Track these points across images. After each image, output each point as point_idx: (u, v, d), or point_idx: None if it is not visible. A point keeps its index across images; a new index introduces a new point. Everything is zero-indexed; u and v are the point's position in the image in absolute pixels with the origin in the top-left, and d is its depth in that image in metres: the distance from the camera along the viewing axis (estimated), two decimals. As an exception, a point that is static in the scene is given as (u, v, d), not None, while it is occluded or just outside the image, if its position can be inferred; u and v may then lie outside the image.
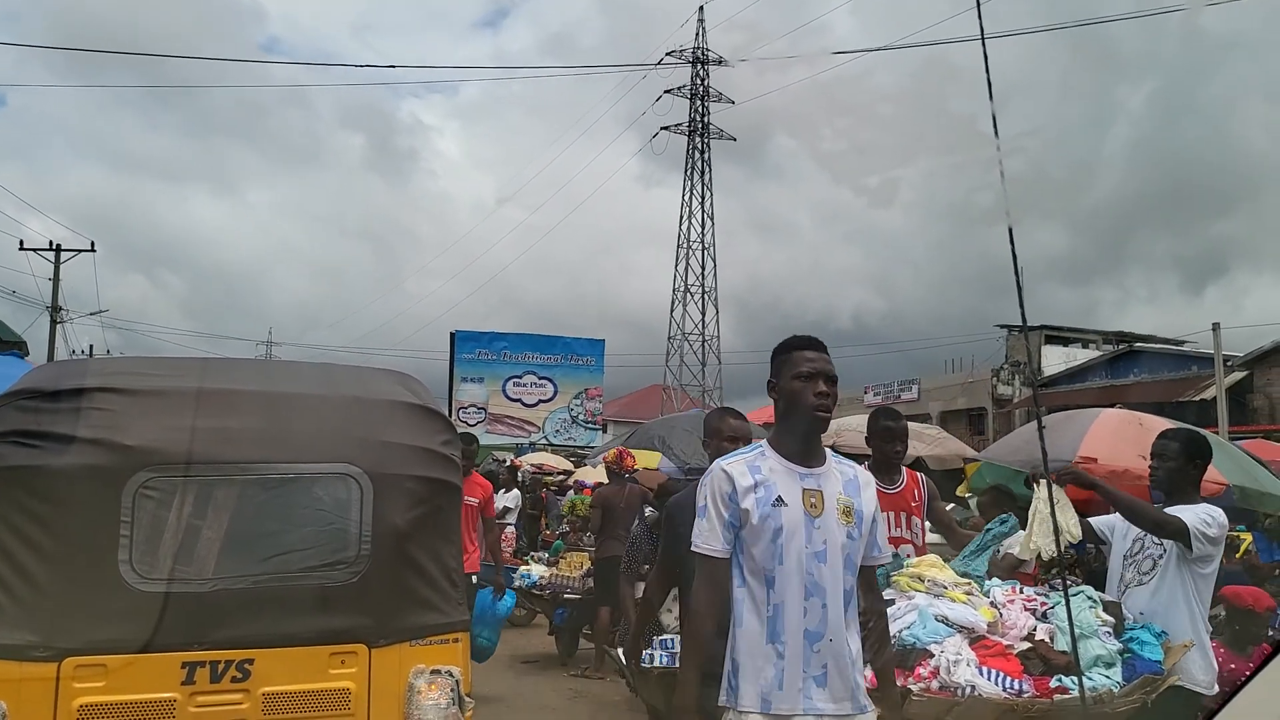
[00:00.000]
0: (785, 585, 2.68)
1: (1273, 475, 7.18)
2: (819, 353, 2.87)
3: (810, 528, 2.71)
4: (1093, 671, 3.63)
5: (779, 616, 2.68)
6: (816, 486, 2.76)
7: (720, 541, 2.75)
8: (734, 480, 2.75)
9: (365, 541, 3.51)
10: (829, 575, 2.70)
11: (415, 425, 3.82)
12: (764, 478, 2.75)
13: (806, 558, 2.69)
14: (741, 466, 2.78)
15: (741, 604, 2.74)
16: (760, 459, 2.81)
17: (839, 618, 2.71)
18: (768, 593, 2.70)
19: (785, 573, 2.68)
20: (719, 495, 2.76)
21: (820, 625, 2.68)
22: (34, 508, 3.24)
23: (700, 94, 43.91)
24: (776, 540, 2.70)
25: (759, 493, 2.73)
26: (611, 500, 8.76)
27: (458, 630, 3.71)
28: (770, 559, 2.70)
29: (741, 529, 2.73)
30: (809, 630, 2.68)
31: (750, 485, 2.73)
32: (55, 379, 3.59)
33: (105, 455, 3.30)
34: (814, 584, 2.69)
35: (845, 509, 2.77)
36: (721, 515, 2.75)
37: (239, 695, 3.33)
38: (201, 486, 3.46)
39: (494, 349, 26.79)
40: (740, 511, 2.72)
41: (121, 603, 3.23)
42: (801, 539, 2.70)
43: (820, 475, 2.79)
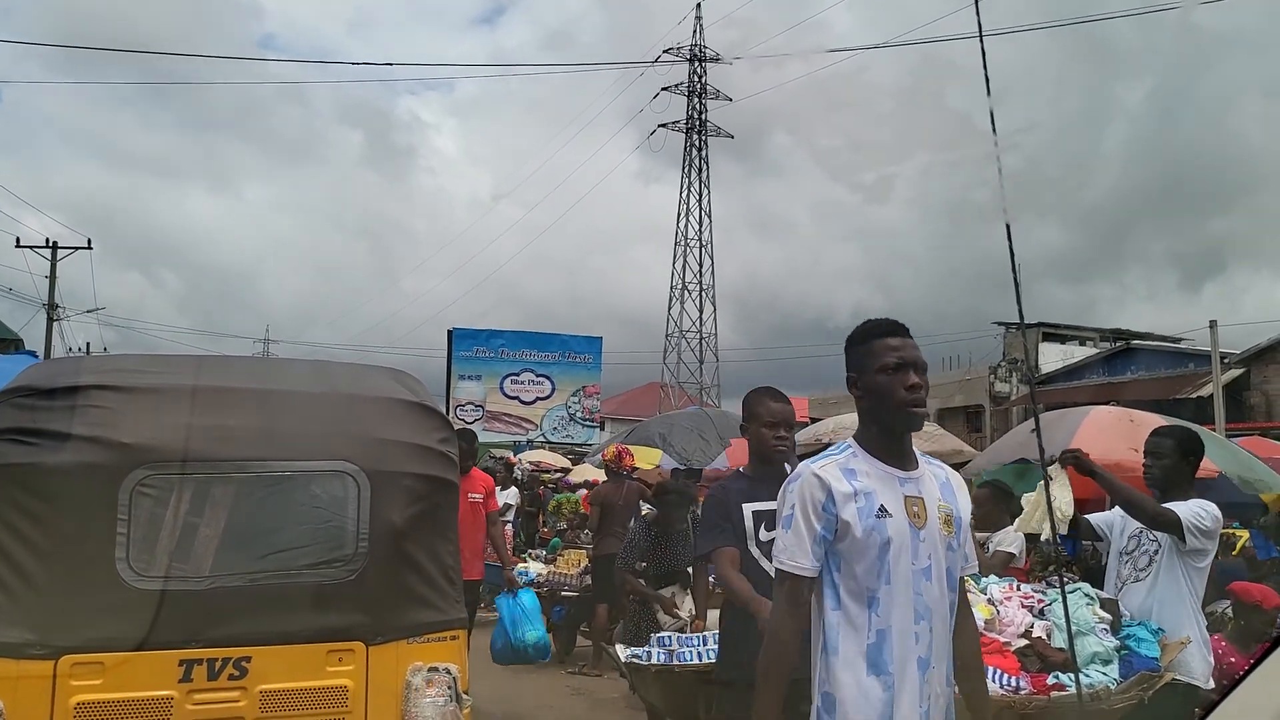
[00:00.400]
0: (892, 608, 2.35)
1: (1269, 469, 7.19)
2: (903, 338, 2.52)
3: (915, 541, 2.40)
4: (1090, 668, 3.64)
5: (884, 643, 2.35)
6: (917, 493, 2.46)
7: (810, 558, 2.39)
8: (830, 487, 2.40)
9: (362, 539, 3.51)
10: (936, 594, 2.41)
11: (412, 423, 3.81)
12: (863, 485, 2.41)
13: (914, 575, 2.38)
14: (835, 470, 2.43)
15: (835, 630, 2.39)
16: (854, 461, 2.47)
17: (944, 642, 2.43)
18: (870, 616, 2.36)
19: (891, 593, 2.35)
20: (811, 504, 2.40)
21: (929, 651, 2.38)
22: (30, 505, 3.23)
23: (698, 92, 43.92)
24: (883, 557, 2.36)
25: (860, 502, 2.39)
26: (610, 498, 8.78)
27: (455, 628, 3.71)
28: (875, 578, 2.37)
29: (838, 543, 2.39)
30: (921, 658, 2.36)
31: (849, 493, 2.39)
32: (51, 376, 3.58)
33: (102, 453, 3.30)
34: (923, 605, 2.38)
35: (946, 517, 2.48)
36: (813, 528, 2.39)
37: (236, 693, 3.33)
38: (198, 484, 3.45)
39: (492, 346, 26.78)
40: (839, 524, 2.38)
41: (118, 600, 3.23)
42: (908, 554, 2.39)
43: (919, 480, 2.49)
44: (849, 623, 2.38)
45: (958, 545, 2.50)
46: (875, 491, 2.40)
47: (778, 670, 2.42)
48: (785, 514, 2.44)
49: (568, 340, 27.80)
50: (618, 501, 8.72)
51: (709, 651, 4.97)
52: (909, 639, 2.34)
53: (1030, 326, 29.73)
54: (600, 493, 9.15)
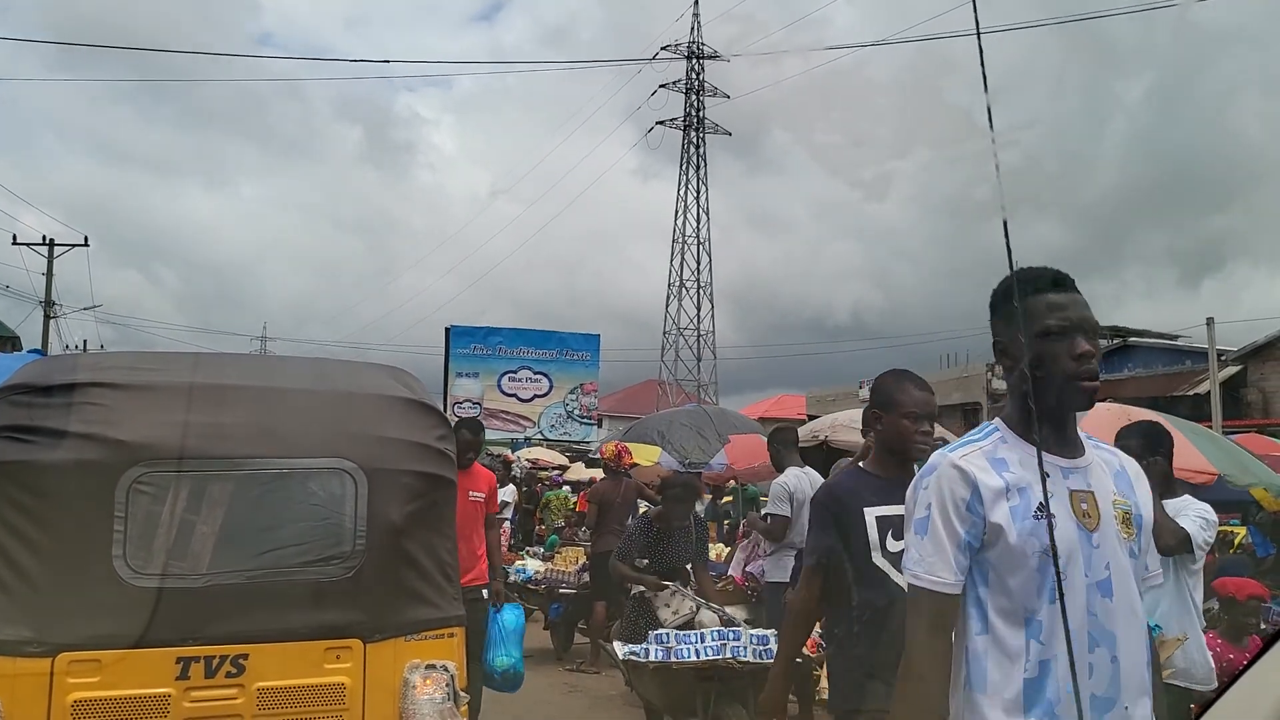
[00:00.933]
0: (1056, 631, 1.83)
1: (1265, 466, 7.21)
2: (1070, 294, 2.02)
3: (1088, 547, 1.93)
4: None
5: (1048, 676, 1.87)
6: (1086, 486, 1.98)
7: (953, 571, 1.93)
8: (975, 481, 1.94)
9: (360, 536, 3.51)
10: (1118, 615, 1.92)
11: (410, 420, 3.81)
12: (1016, 477, 1.95)
13: (1087, 590, 1.91)
14: (981, 460, 1.98)
15: (982, 660, 1.92)
16: (1002, 448, 2.00)
17: (1135, 675, 1.94)
18: (1028, 643, 1.89)
19: (1057, 614, 1.82)
20: (953, 503, 1.94)
21: (1111, 688, 1.90)
22: (27, 503, 3.23)
23: (695, 89, 43.91)
24: (1045, 567, 1.88)
25: (1013, 499, 1.93)
26: (608, 495, 8.80)
27: (453, 625, 3.71)
28: (1034, 595, 1.90)
29: (986, 551, 1.94)
30: (1096, 696, 1.88)
31: (1000, 488, 1.94)
32: (48, 374, 3.58)
33: (98, 450, 3.30)
34: (1099, 629, 1.90)
35: (1124, 515, 2.00)
36: (955, 532, 1.93)
37: (234, 690, 3.33)
38: (195, 481, 3.45)
39: (489, 344, 26.76)
40: (987, 527, 1.93)
41: (115, 598, 3.23)
42: (1080, 565, 1.92)
43: (1086, 470, 2.00)
44: (1001, 651, 1.91)
45: (1139, 551, 2.01)
46: (1032, 486, 1.92)
47: (921, 714, 1.96)
48: (919, 516, 1.99)
49: (565, 338, 27.79)
50: (616, 499, 8.74)
51: (706, 649, 4.97)
52: (1080, 671, 1.78)
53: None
54: (598, 490, 9.17)
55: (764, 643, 4.89)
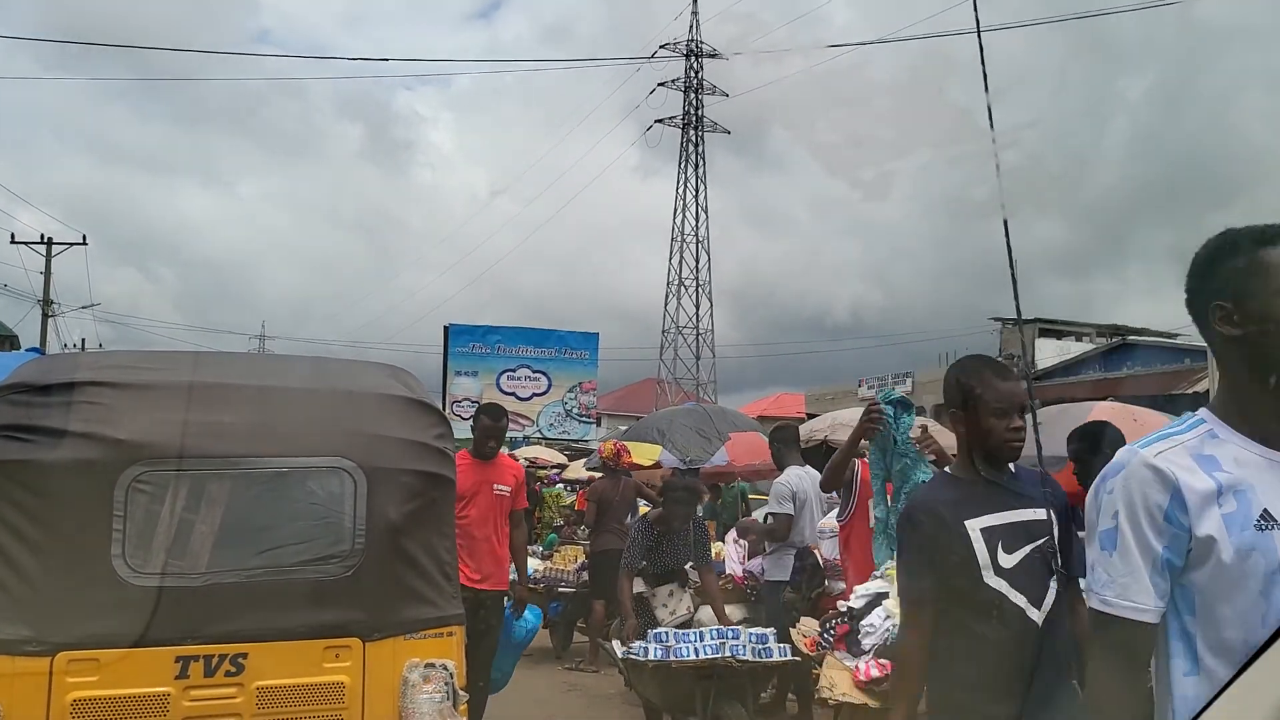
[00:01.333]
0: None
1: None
2: None
3: None
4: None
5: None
6: None
7: (1151, 594, 1.60)
8: (1176, 484, 1.59)
9: (359, 535, 3.50)
10: None
11: (408, 419, 3.81)
12: (1232, 478, 1.60)
13: None
14: (1184, 458, 1.62)
15: (1192, 705, 1.56)
16: (1211, 444, 1.64)
17: None
18: None
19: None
20: (1145, 511, 1.61)
21: None
22: (25, 502, 3.22)
23: (694, 87, 43.89)
24: (1271, 591, 1.55)
25: (1226, 504, 1.58)
26: (606, 494, 8.81)
27: (452, 624, 3.70)
28: (1258, 626, 1.54)
29: (1192, 571, 1.60)
30: None
31: (1210, 491, 1.59)
32: (46, 373, 3.57)
33: (97, 449, 3.29)
34: None
35: None
36: (1150, 547, 1.60)
37: (233, 689, 3.32)
38: (194, 480, 3.45)
39: (488, 342, 26.73)
40: (1192, 541, 1.59)
41: (114, 597, 3.22)
42: None
43: None
44: (1213, 689, 1.52)
45: None
46: (1253, 488, 1.58)
47: None
48: (1104, 527, 1.65)
49: (564, 336, 27.76)
50: (614, 498, 8.76)
51: (705, 648, 4.97)
52: None
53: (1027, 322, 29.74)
54: (597, 489, 9.18)
55: (763, 641, 4.90)
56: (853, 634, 3.94)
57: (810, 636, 4.52)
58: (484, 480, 5.70)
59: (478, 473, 5.72)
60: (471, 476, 5.57)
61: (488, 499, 5.68)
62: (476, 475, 5.68)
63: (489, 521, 5.69)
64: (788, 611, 6.03)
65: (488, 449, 5.81)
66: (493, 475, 5.76)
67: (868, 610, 3.90)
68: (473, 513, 5.58)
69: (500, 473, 5.86)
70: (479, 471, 5.73)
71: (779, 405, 38.50)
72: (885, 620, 3.79)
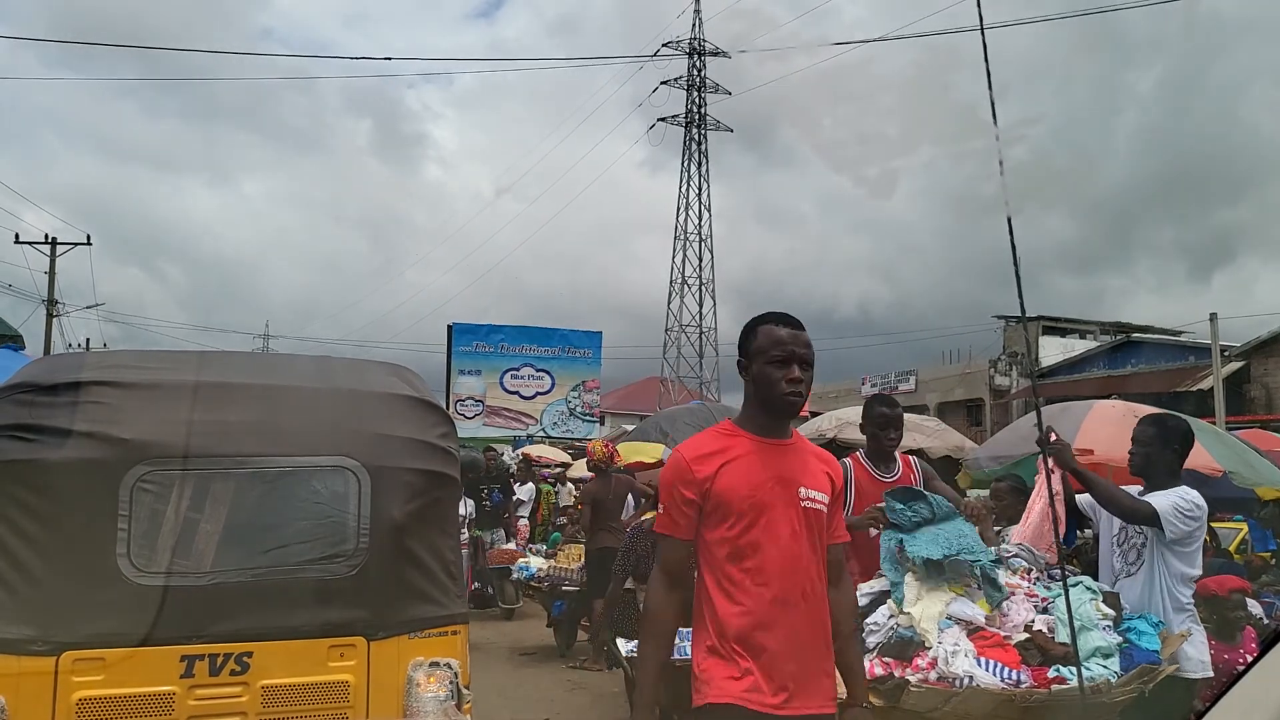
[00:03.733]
0: None
1: (1270, 464, 7.20)
2: None
3: None
4: (1090, 662, 3.64)
5: None
6: None
7: None
8: None
9: (364, 534, 3.51)
10: None
11: (413, 418, 3.82)
12: None
13: None
14: None
15: None
16: None
17: None
18: None
19: None
20: None
21: None
22: (31, 502, 3.23)
23: (697, 86, 43.86)
24: None
25: None
26: (599, 495, 8.95)
27: (456, 623, 3.71)
28: None
29: None
30: None
31: None
32: (51, 373, 3.58)
33: (102, 449, 3.30)
34: None
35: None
36: None
37: (238, 688, 3.33)
38: (199, 480, 3.45)
39: (491, 341, 26.74)
40: None
41: (119, 596, 3.23)
42: None
43: None
44: None
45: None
46: None
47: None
48: None
49: (568, 335, 27.76)
50: (607, 497, 8.90)
51: None
52: None
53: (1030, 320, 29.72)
54: (589, 491, 9.30)
55: None
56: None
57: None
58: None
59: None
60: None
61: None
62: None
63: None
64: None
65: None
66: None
67: (871, 608, 3.89)
68: None
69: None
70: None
71: (782, 403, 38.38)
72: (889, 619, 3.79)
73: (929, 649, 3.61)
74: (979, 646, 3.65)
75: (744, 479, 2.53)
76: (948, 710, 3.49)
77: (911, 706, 3.48)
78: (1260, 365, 23.68)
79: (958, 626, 3.73)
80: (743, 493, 2.52)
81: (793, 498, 2.55)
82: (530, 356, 26.88)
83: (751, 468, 2.54)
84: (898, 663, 3.59)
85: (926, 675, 3.54)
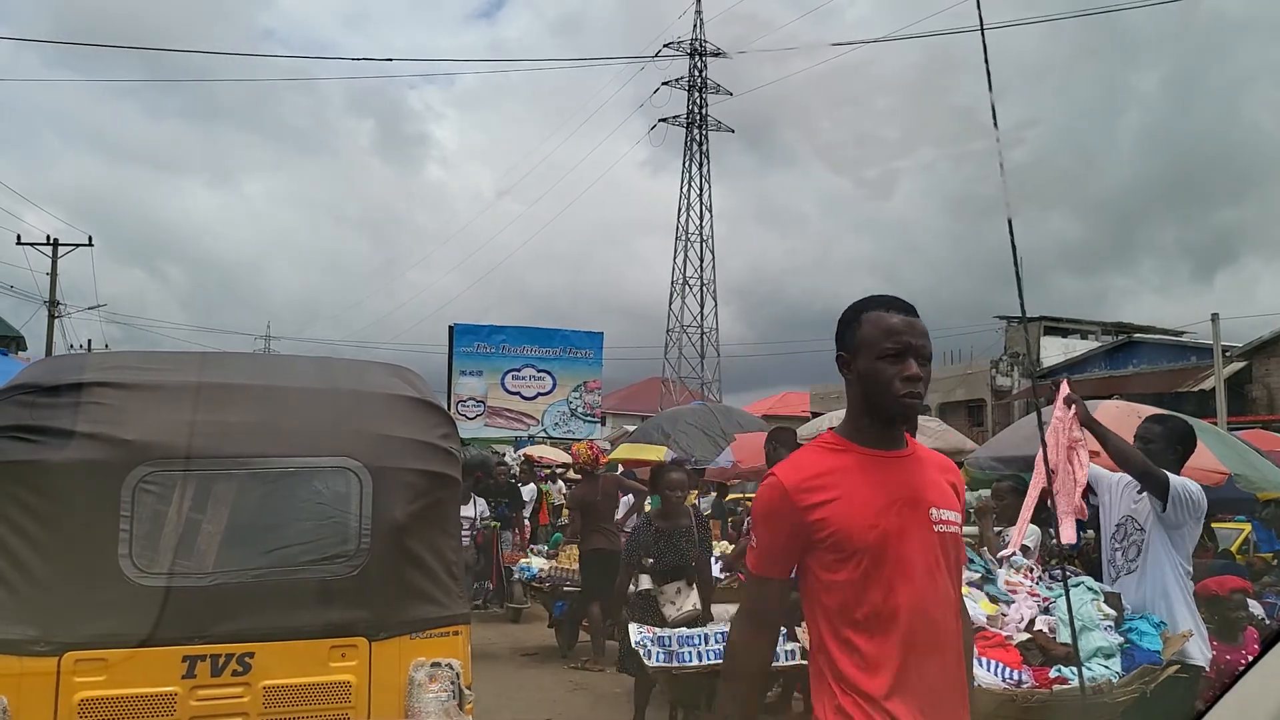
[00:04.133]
0: None
1: (1271, 464, 7.19)
2: None
3: None
4: (1092, 662, 3.64)
5: None
6: None
7: None
8: None
9: (365, 535, 3.51)
10: None
11: (414, 419, 3.82)
12: None
13: None
14: None
15: None
16: None
17: None
18: None
19: None
20: None
21: None
22: (33, 503, 3.23)
23: (698, 86, 43.86)
24: None
25: None
26: (587, 498, 8.96)
27: (458, 623, 3.71)
28: None
29: None
30: None
31: None
32: (53, 374, 3.59)
33: (104, 450, 3.30)
34: None
35: None
36: None
37: (240, 689, 3.33)
38: (201, 481, 3.46)
39: (492, 342, 26.74)
40: None
41: (121, 597, 3.23)
42: None
43: None
44: None
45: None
46: None
47: None
48: None
49: (569, 336, 27.77)
50: (596, 499, 8.88)
51: (710, 652, 4.97)
52: None
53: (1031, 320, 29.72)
54: (575, 496, 9.31)
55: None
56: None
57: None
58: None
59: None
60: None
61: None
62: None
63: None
64: (794, 611, 6.03)
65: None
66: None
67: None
68: None
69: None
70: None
71: (784, 404, 38.48)
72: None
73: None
74: (980, 647, 3.66)
75: (863, 506, 2.05)
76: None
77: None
78: (1262, 366, 23.67)
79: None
80: (863, 523, 2.03)
81: (924, 521, 2.07)
82: (531, 357, 26.87)
83: (870, 490, 2.06)
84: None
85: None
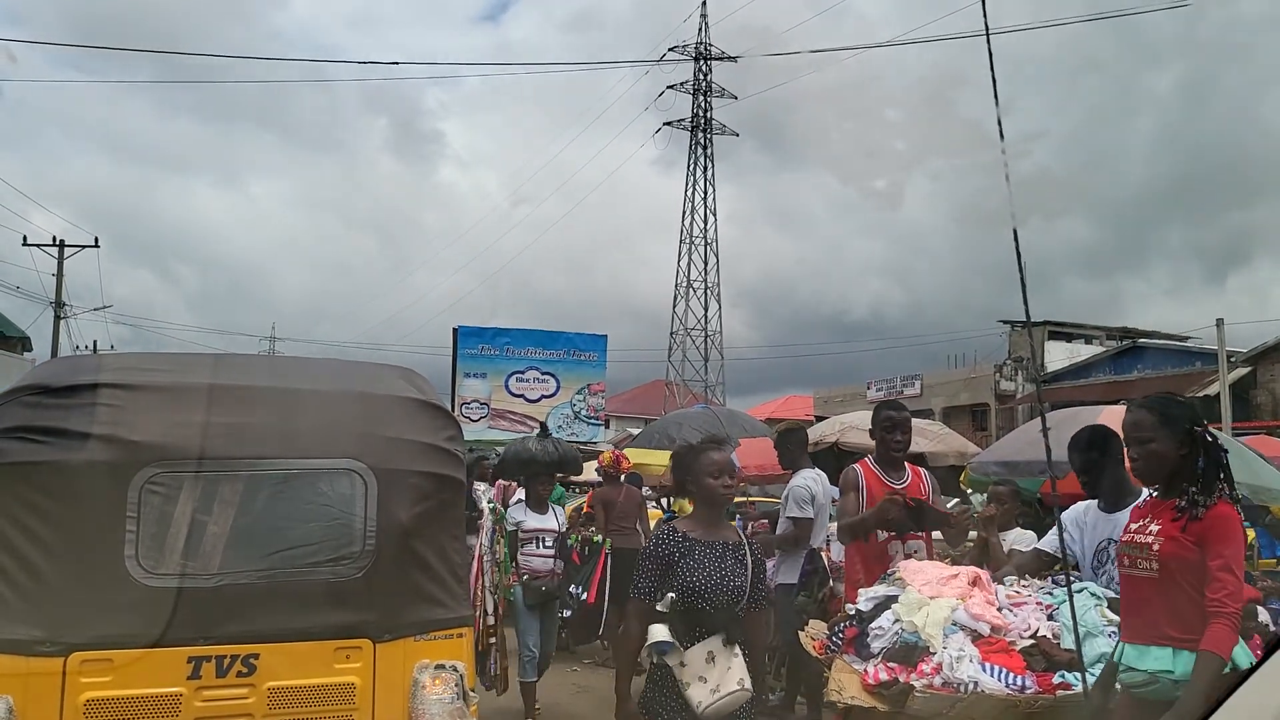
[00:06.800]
0: None
1: (1275, 470, 7.18)
2: None
3: None
4: (1095, 668, 3.63)
5: None
6: None
7: None
8: None
9: (370, 537, 3.52)
10: None
11: (420, 421, 3.83)
12: None
13: None
14: None
15: None
16: None
17: None
18: None
19: None
20: None
21: None
22: (40, 503, 3.25)
23: (702, 90, 43.88)
24: None
25: None
26: (610, 497, 9.12)
27: (462, 625, 3.72)
28: None
29: None
30: None
31: None
32: (61, 374, 3.60)
33: (111, 450, 3.32)
34: None
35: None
36: None
37: (245, 690, 3.35)
38: (207, 482, 3.47)
39: (497, 344, 26.75)
40: None
41: (128, 598, 3.25)
42: None
43: None
44: None
45: None
46: None
47: None
48: None
49: (573, 338, 27.77)
50: (617, 498, 9.06)
51: None
52: None
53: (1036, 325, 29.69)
54: (600, 495, 9.55)
55: None
56: (861, 637, 3.93)
57: (819, 639, 4.51)
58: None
59: None
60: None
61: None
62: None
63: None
64: (798, 615, 6.02)
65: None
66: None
67: (876, 613, 3.89)
68: None
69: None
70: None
71: (788, 407, 38.44)
72: (894, 623, 3.79)
73: (934, 654, 3.62)
74: (984, 652, 3.65)
75: None
76: (953, 715, 3.49)
77: (916, 712, 3.48)
78: (1267, 371, 23.63)
79: (963, 632, 3.73)
80: None
81: None
82: (535, 359, 26.88)
83: None
84: (903, 668, 3.59)
85: (931, 681, 3.53)
